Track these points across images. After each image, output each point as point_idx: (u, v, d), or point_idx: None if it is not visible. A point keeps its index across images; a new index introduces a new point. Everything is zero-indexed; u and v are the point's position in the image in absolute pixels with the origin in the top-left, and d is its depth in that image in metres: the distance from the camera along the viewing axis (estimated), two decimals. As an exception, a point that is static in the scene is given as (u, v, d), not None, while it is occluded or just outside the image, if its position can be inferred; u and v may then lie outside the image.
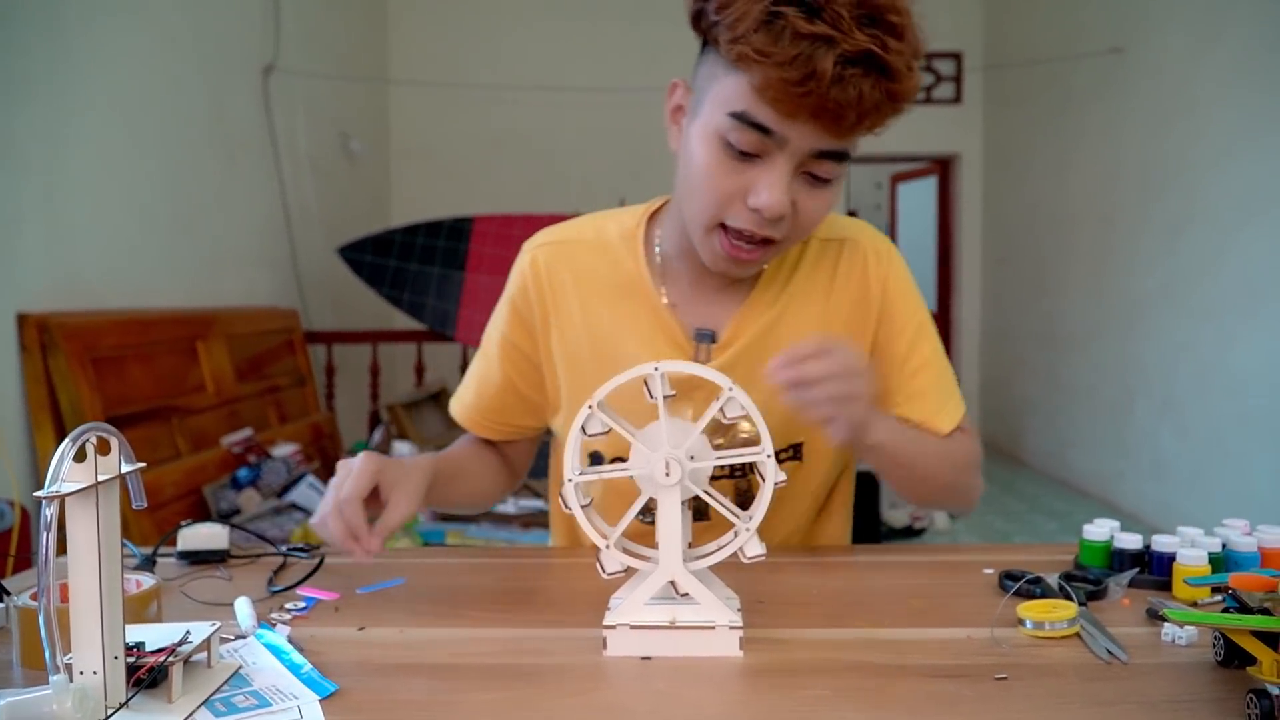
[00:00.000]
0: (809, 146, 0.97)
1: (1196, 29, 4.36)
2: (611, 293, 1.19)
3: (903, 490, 1.18)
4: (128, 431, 3.02)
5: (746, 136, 0.97)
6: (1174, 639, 0.84)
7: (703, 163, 1.01)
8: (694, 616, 0.84)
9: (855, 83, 0.92)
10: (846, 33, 0.91)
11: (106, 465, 0.74)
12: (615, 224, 1.23)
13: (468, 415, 1.29)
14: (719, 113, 0.99)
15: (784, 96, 0.93)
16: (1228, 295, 4.14)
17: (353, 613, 0.96)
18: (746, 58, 0.93)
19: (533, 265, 1.21)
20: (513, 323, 1.23)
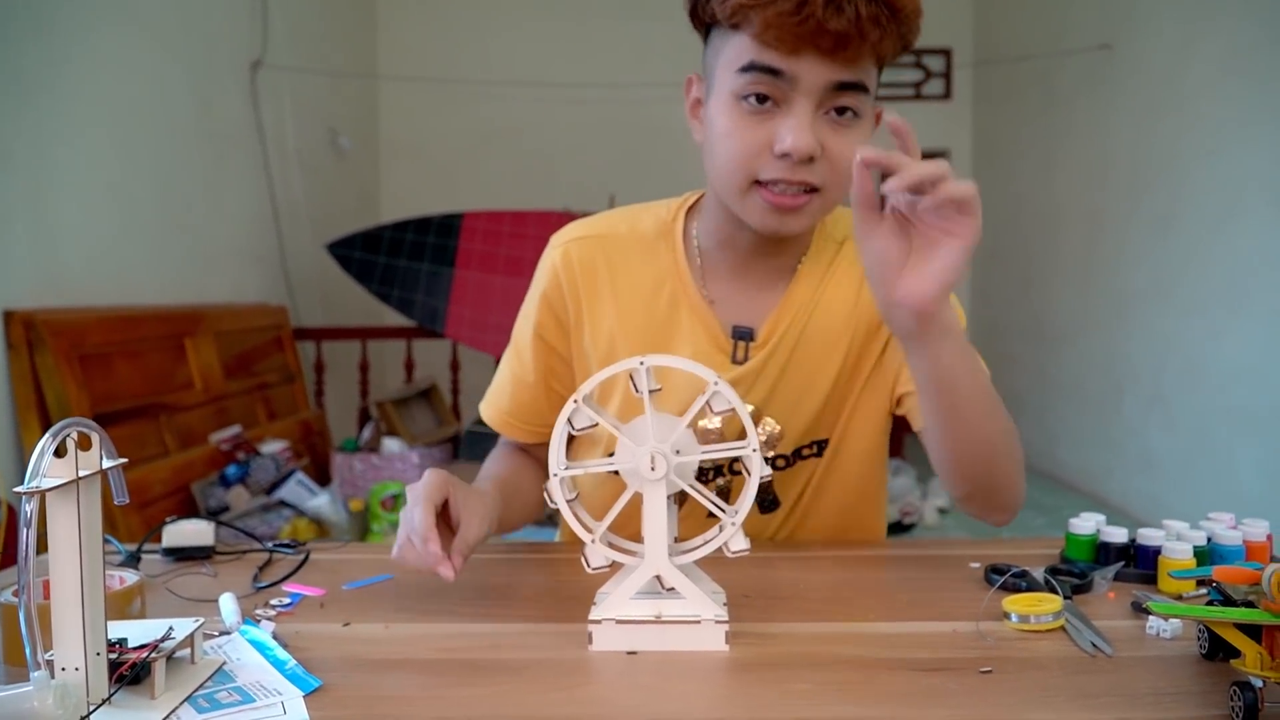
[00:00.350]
0: (823, 81, 0.97)
1: (1184, 26, 4.37)
2: (648, 289, 1.16)
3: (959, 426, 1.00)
4: (115, 428, 3.01)
5: (760, 85, 0.98)
6: (1158, 632, 0.85)
7: (725, 126, 1.01)
8: (679, 611, 0.84)
9: (850, 1, 0.92)
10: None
11: (87, 461, 0.73)
12: (651, 217, 1.21)
13: (503, 419, 1.25)
14: (728, 75, 1.00)
15: (784, 33, 0.94)
16: (1215, 290, 4.15)
17: (338, 608, 0.96)
18: (741, 8, 0.95)
19: (565, 259, 1.18)
20: (545, 318, 1.20)
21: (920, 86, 7.03)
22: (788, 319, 1.14)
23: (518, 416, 1.24)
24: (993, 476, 1.04)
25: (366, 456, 4.20)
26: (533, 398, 1.22)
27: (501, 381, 1.26)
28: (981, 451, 1.02)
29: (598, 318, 1.17)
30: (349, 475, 4.16)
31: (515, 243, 4.69)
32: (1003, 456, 1.03)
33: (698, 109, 1.10)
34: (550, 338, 1.20)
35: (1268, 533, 1.03)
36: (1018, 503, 1.08)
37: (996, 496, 1.07)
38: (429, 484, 0.95)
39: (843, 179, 1.01)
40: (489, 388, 1.28)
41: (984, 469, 1.03)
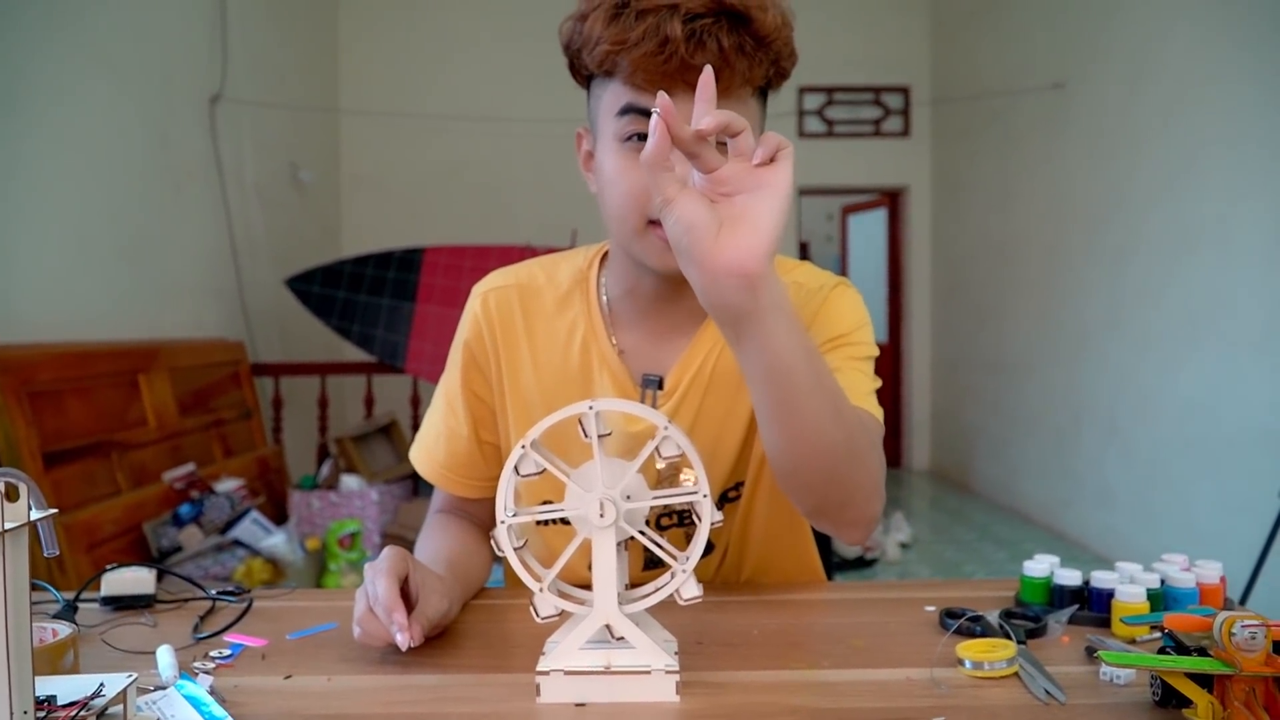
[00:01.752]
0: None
1: (1134, 65, 4.46)
2: (562, 339, 1.18)
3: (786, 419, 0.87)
4: (66, 467, 2.95)
5: (639, 125, 0.99)
6: (1111, 678, 0.84)
7: (612, 170, 1.03)
8: (629, 661, 0.82)
9: (710, 33, 0.93)
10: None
11: (14, 513, 0.71)
12: (568, 267, 1.22)
13: (439, 473, 1.23)
14: (610, 120, 1.02)
15: (651, 73, 0.95)
16: (1169, 324, 4.21)
17: (281, 660, 0.93)
18: (609, 54, 0.97)
19: (484, 308, 1.20)
20: (469, 370, 1.21)
21: (879, 124, 7.12)
22: (695, 366, 1.15)
23: (454, 470, 1.23)
24: (841, 486, 0.94)
25: (325, 494, 4.15)
26: (467, 450, 1.21)
27: (434, 433, 1.24)
28: (825, 454, 0.90)
29: (515, 367, 1.19)
30: (306, 513, 4.11)
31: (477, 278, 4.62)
32: (850, 462, 0.92)
33: (590, 161, 1.11)
34: (476, 387, 1.21)
35: (1221, 575, 1.03)
36: (872, 516, 0.99)
37: (848, 510, 0.97)
38: (389, 559, 0.93)
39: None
40: (419, 436, 1.26)
41: (830, 476, 0.92)
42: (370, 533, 4.12)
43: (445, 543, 1.17)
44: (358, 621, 0.90)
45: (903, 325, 7.56)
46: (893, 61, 7.05)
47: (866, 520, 0.99)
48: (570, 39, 1.03)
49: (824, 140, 6.99)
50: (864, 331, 1.15)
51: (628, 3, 0.95)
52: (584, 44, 1.01)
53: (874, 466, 0.97)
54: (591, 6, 0.99)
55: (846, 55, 6.85)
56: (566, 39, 1.04)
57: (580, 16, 1.01)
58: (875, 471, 0.97)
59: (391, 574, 0.91)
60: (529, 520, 0.85)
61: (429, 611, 0.92)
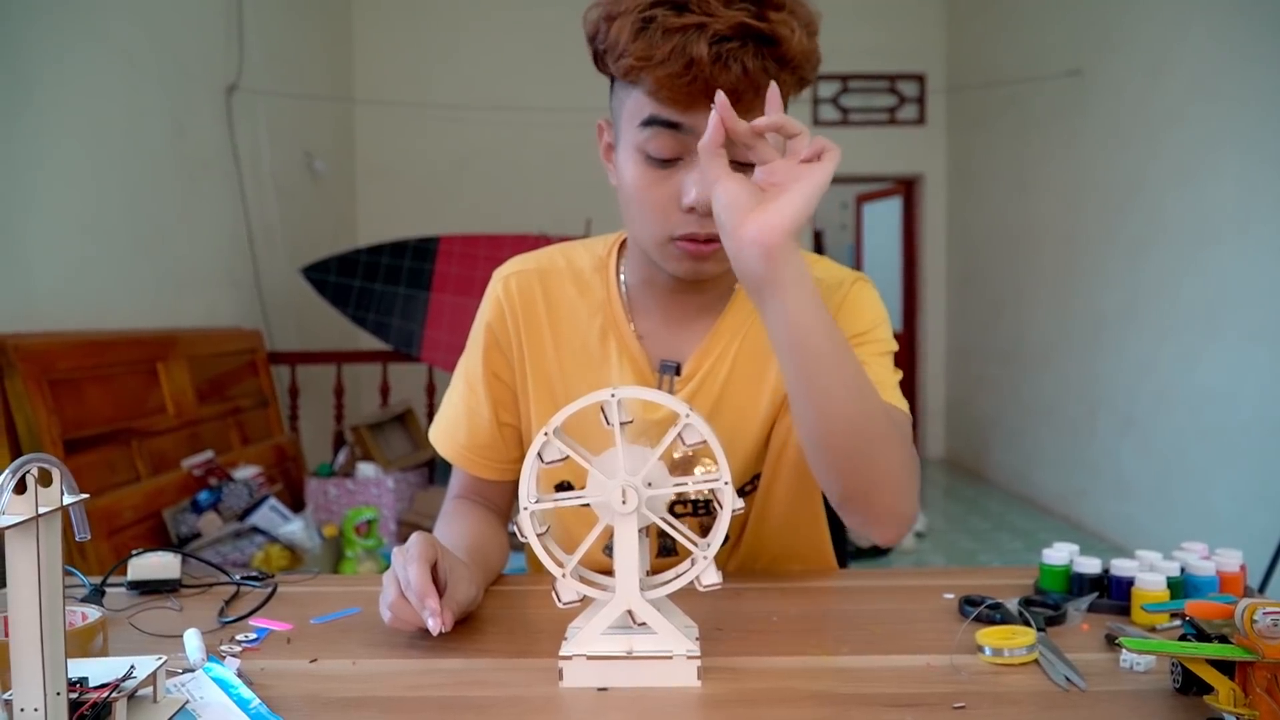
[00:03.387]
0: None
1: (1152, 52, 4.43)
2: (583, 323, 1.19)
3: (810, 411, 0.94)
4: (86, 454, 2.98)
5: (660, 140, 1.00)
6: (1132, 665, 0.84)
7: (633, 181, 1.04)
8: (651, 646, 0.83)
9: (735, 57, 0.93)
10: (715, 14, 0.93)
11: (48, 497, 0.72)
12: (587, 253, 1.23)
13: (461, 454, 1.24)
14: (632, 129, 1.02)
15: (676, 91, 0.95)
16: (1188, 314, 4.19)
17: (305, 644, 0.94)
18: (633, 69, 0.97)
19: (506, 291, 1.21)
20: (491, 351, 1.22)
21: (894, 112, 7.09)
22: (714, 354, 1.16)
23: (476, 451, 1.23)
24: (866, 469, 0.96)
25: (341, 481, 4.17)
26: (488, 431, 1.22)
27: (455, 414, 1.25)
28: (848, 429, 0.94)
29: (537, 349, 1.20)
30: (323, 501, 4.13)
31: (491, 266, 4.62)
32: (875, 444, 0.96)
33: (610, 154, 1.11)
34: (498, 369, 1.22)
35: (1241, 563, 1.03)
36: (903, 513, 1.00)
37: (875, 499, 0.99)
38: (419, 545, 0.93)
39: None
40: (438, 417, 1.27)
41: (853, 454, 0.96)
42: (386, 520, 4.15)
43: (465, 529, 1.18)
44: (389, 606, 0.91)
45: (918, 314, 7.55)
46: (908, 49, 7.02)
47: (898, 515, 1.00)
48: (595, 35, 1.03)
49: (839, 128, 6.97)
50: (884, 328, 1.18)
51: (655, 17, 0.95)
52: (609, 47, 1.00)
53: (902, 456, 0.99)
54: (619, 9, 0.98)
55: (861, 43, 6.82)
56: (591, 33, 1.04)
57: (608, 18, 1.00)
58: (903, 462, 0.99)
59: (423, 559, 0.91)
60: (552, 507, 0.86)
61: (459, 597, 0.93)
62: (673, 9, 0.95)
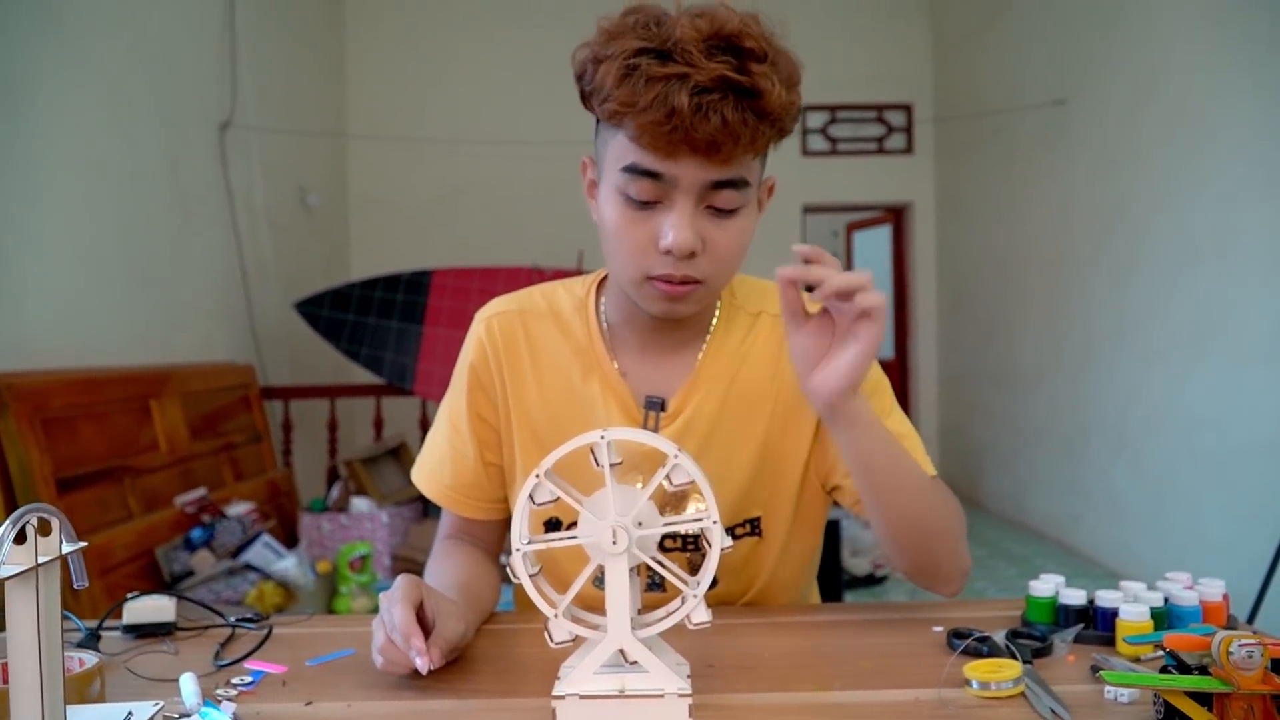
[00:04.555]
0: (699, 180, 1.00)
1: (1135, 81, 4.48)
2: (565, 363, 1.20)
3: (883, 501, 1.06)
4: (79, 493, 2.98)
5: (640, 185, 1.01)
6: (1116, 697, 0.86)
7: (613, 221, 1.06)
8: (643, 685, 0.84)
9: (715, 109, 0.95)
10: (697, 65, 0.95)
11: (47, 546, 0.73)
12: (566, 293, 1.25)
13: (447, 494, 1.25)
14: (614, 171, 1.04)
15: (657, 139, 0.97)
16: (1175, 337, 4.22)
17: (301, 686, 0.95)
18: (616, 113, 0.99)
19: (489, 332, 1.22)
20: (475, 392, 1.23)
21: (883, 141, 7.15)
22: (701, 392, 1.17)
23: (461, 492, 1.24)
24: (930, 552, 1.11)
25: (335, 516, 4.17)
26: (473, 471, 1.23)
27: (439, 455, 1.26)
28: (911, 528, 1.08)
29: (521, 390, 1.21)
30: (317, 536, 4.13)
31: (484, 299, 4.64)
32: (936, 534, 1.10)
33: (593, 190, 1.13)
34: (483, 411, 1.23)
35: (1223, 592, 1.04)
36: (962, 573, 1.14)
37: (938, 569, 1.12)
38: (404, 587, 0.96)
39: (725, 267, 1.07)
40: (420, 459, 1.28)
41: (918, 545, 1.10)
42: (381, 555, 4.14)
43: (455, 568, 1.19)
44: (378, 651, 0.92)
45: (909, 340, 7.58)
46: (895, 79, 7.09)
47: (959, 575, 1.14)
48: (582, 75, 1.05)
49: (828, 158, 7.02)
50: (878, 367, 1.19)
51: (639, 65, 0.97)
52: (595, 89, 1.02)
53: (955, 527, 1.12)
54: (605, 54, 1.00)
55: (849, 74, 6.88)
56: (579, 72, 1.05)
57: (595, 59, 1.02)
58: (957, 531, 1.13)
59: (406, 601, 0.93)
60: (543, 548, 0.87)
61: (446, 634, 0.94)
62: (656, 58, 0.96)
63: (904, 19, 7.12)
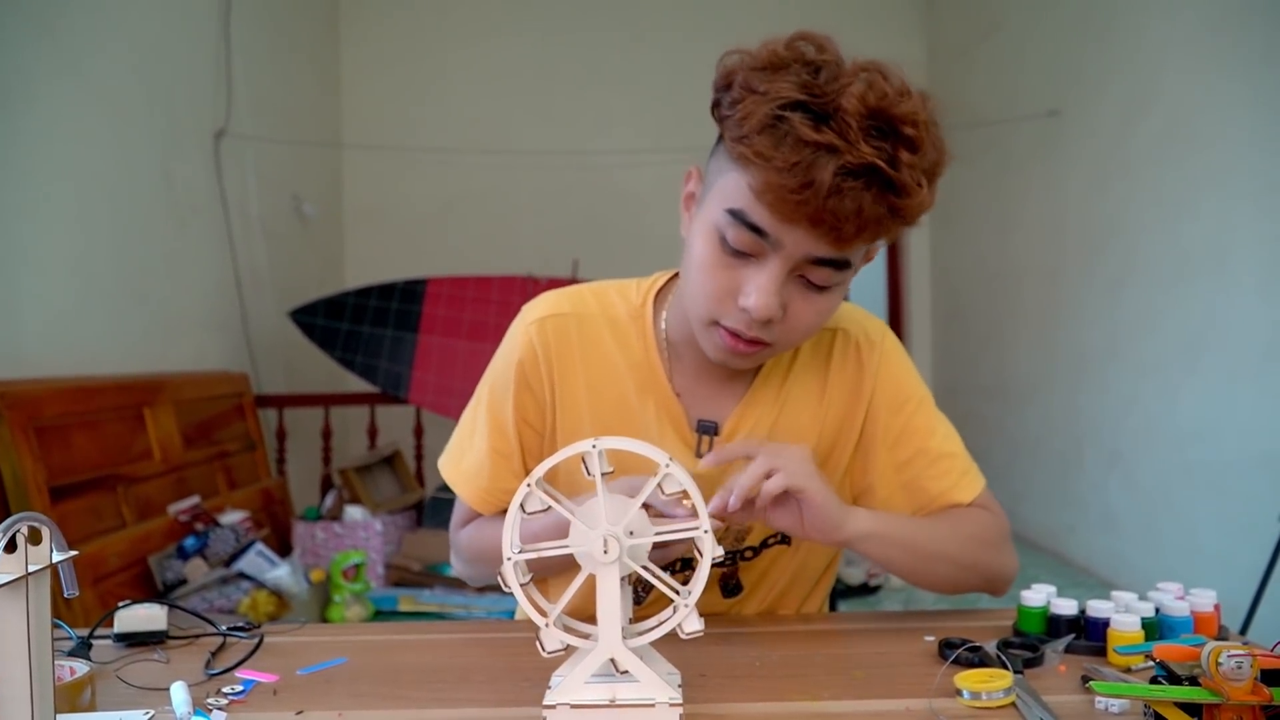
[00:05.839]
0: (804, 252, 0.96)
1: (1130, 93, 4.50)
2: (619, 374, 1.16)
3: (918, 578, 1.12)
4: (72, 501, 2.97)
5: (741, 235, 0.96)
6: (1106, 707, 0.86)
7: (700, 257, 1.01)
8: (634, 694, 0.84)
9: (855, 195, 0.90)
10: (853, 143, 0.89)
11: (37, 555, 0.73)
12: (620, 299, 1.20)
13: (482, 497, 1.20)
14: (718, 208, 0.98)
15: (780, 202, 0.91)
16: (1167, 350, 4.23)
17: (292, 695, 0.95)
18: (747, 158, 0.92)
19: (540, 334, 1.17)
20: (522, 394, 1.17)
21: (878, 151, 7.15)
22: (754, 416, 1.16)
23: (496, 495, 1.20)
24: (969, 586, 1.16)
25: (328, 525, 4.16)
26: (517, 476, 1.18)
27: (478, 456, 1.20)
28: (951, 569, 1.12)
29: (570, 397, 1.16)
30: (310, 544, 4.12)
31: (479, 308, 4.71)
32: (975, 576, 1.15)
33: (690, 203, 1.08)
34: (528, 413, 1.18)
35: (1215, 603, 1.05)
36: (1008, 582, 1.19)
37: (983, 590, 1.19)
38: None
39: (797, 337, 1.05)
40: (453, 455, 1.23)
41: (964, 578, 1.15)
42: (374, 564, 4.13)
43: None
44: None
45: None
46: (890, 90, 7.09)
47: (1006, 585, 1.19)
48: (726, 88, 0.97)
49: (823, 168, 7.02)
50: (920, 381, 1.22)
51: (789, 120, 0.90)
52: (732, 117, 0.94)
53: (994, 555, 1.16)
54: (760, 88, 0.93)
55: (844, 84, 6.89)
56: (722, 83, 0.98)
57: (746, 87, 0.94)
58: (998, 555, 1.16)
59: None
60: (535, 556, 0.87)
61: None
62: (811, 118, 0.90)
63: (898, 30, 7.15)
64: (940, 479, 1.16)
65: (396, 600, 3.86)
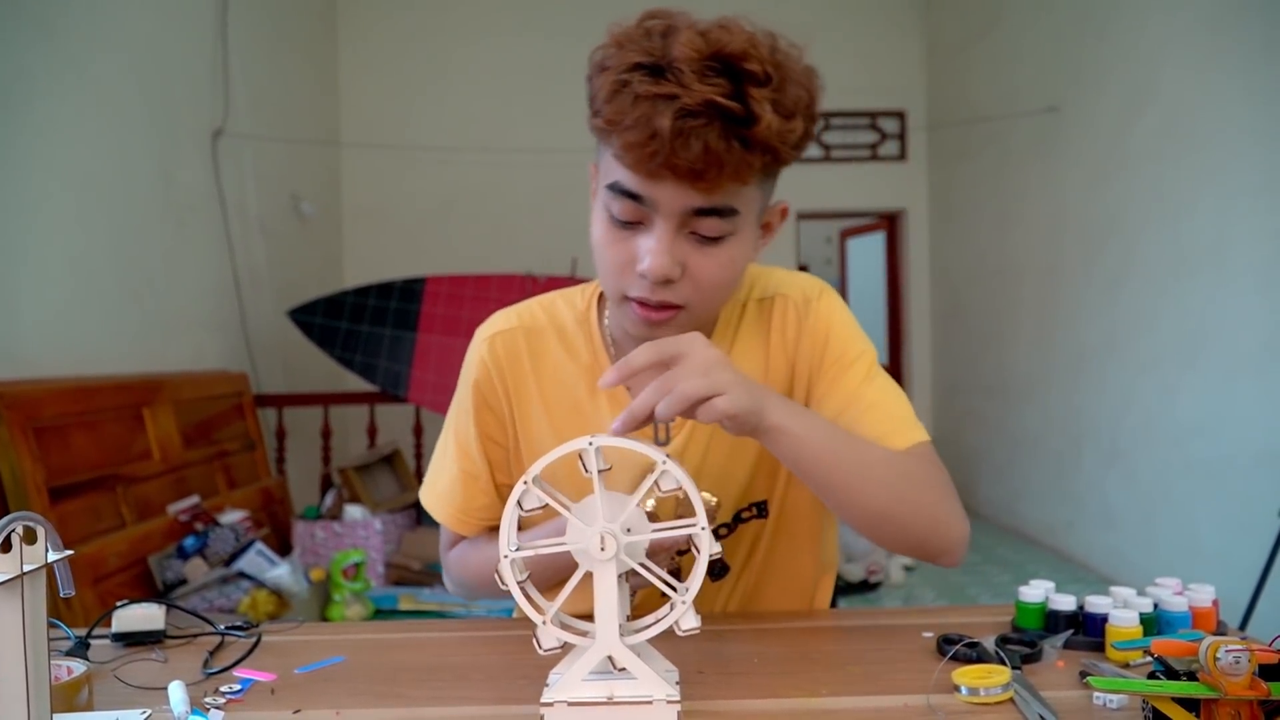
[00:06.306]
0: (681, 206, 0.97)
1: (1128, 89, 4.50)
2: (571, 379, 1.19)
3: (845, 497, 1.01)
4: (71, 501, 2.97)
5: (622, 205, 0.99)
6: (1105, 703, 0.86)
7: (597, 237, 1.05)
8: (631, 691, 0.84)
9: (698, 135, 0.91)
10: (687, 86, 0.91)
11: (33, 555, 0.73)
12: (567, 306, 1.23)
13: (457, 517, 1.22)
14: (602, 187, 1.03)
15: (639, 161, 0.94)
16: (1167, 346, 4.23)
17: (289, 694, 0.95)
18: (604, 129, 0.97)
19: (491, 352, 1.20)
20: (483, 413, 1.21)
21: (876, 148, 7.16)
22: None
23: (475, 515, 1.23)
24: (905, 534, 1.04)
25: (328, 524, 4.16)
26: (486, 494, 1.22)
27: (449, 478, 1.23)
28: (877, 518, 1.02)
29: (526, 408, 1.19)
30: (310, 544, 4.12)
31: (478, 306, 4.71)
32: (907, 516, 1.03)
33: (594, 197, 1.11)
34: (491, 431, 1.21)
35: (1213, 598, 1.04)
36: (953, 544, 1.06)
37: (926, 546, 1.06)
38: None
39: (709, 295, 1.04)
40: (430, 482, 1.26)
41: (890, 531, 1.03)
42: (374, 563, 4.13)
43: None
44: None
45: (903, 348, 7.58)
46: (888, 87, 7.10)
47: (952, 544, 1.06)
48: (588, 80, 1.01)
49: (822, 165, 7.03)
50: (862, 338, 1.18)
51: (630, 81, 0.93)
52: (591, 100, 0.99)
53: (934, 499, 1.05)
54: (608, 63, 0.97)
55: (842, 81, 6.89)
56: (587, 76, 1.01)
57: (600, 67, 0.99)
58: (938, 502, 1.05)
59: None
60: (532, 554, 0.87)
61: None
62: (649, 75, 0.93)
63: (898, 26, 7.15)
64: (872, 426, 1.09)
65: (396, 599, 3.86)
